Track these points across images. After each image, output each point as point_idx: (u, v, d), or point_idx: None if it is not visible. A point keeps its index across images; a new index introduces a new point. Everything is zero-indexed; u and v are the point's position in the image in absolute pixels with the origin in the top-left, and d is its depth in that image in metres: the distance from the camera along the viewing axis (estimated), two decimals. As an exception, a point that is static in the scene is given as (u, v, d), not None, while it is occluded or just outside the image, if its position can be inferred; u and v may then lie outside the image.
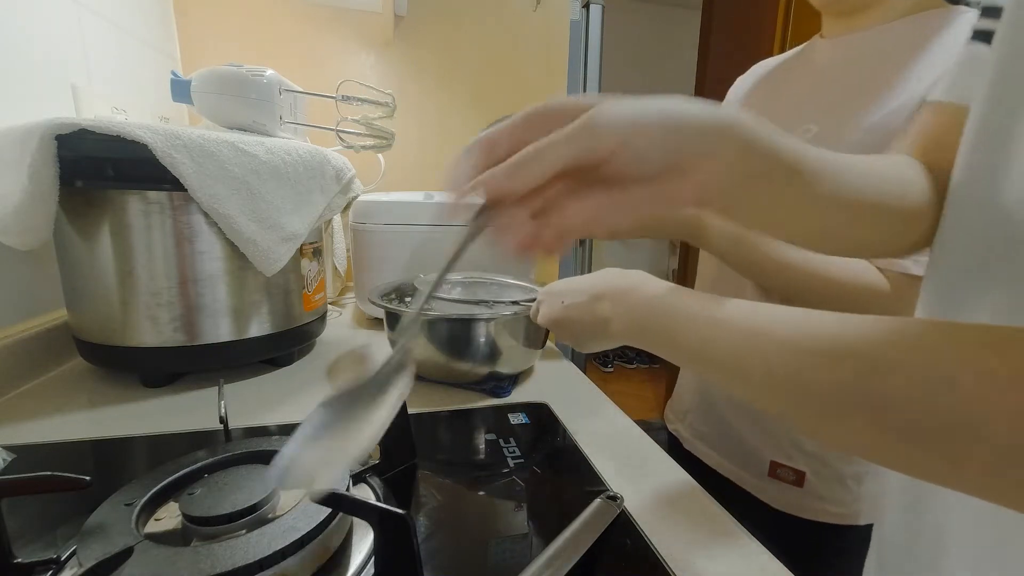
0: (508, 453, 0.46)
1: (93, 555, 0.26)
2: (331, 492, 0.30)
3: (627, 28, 3.21)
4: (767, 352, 0.27)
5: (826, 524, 0.57)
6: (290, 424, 0.51)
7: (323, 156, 0.68)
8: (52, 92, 0.69)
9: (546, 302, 0.47)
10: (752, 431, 0.62)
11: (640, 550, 0.34)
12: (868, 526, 0.57)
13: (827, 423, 0.25)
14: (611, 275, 0.42)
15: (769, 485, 0.60)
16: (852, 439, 0.24)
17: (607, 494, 0.38)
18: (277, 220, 0.60)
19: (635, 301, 0.38)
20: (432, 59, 1.25)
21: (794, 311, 0.28)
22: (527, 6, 1.30)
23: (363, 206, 0.84)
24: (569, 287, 0.45)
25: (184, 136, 0.52)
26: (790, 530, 0.56)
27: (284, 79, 0.78)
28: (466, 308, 0.58)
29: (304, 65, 1.15)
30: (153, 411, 0.54)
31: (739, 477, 0.62)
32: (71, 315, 0.60)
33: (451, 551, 0.33)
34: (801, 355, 0.26)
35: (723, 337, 0.31)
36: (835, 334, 0.25)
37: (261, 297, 0.62)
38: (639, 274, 0.40)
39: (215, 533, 0.30)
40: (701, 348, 0.32)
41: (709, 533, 0.37)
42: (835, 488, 0.57)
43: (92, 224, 0.54)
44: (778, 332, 0.27)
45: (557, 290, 0.46)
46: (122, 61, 0.87)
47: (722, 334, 0.31)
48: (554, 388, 0.62)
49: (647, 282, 0.38)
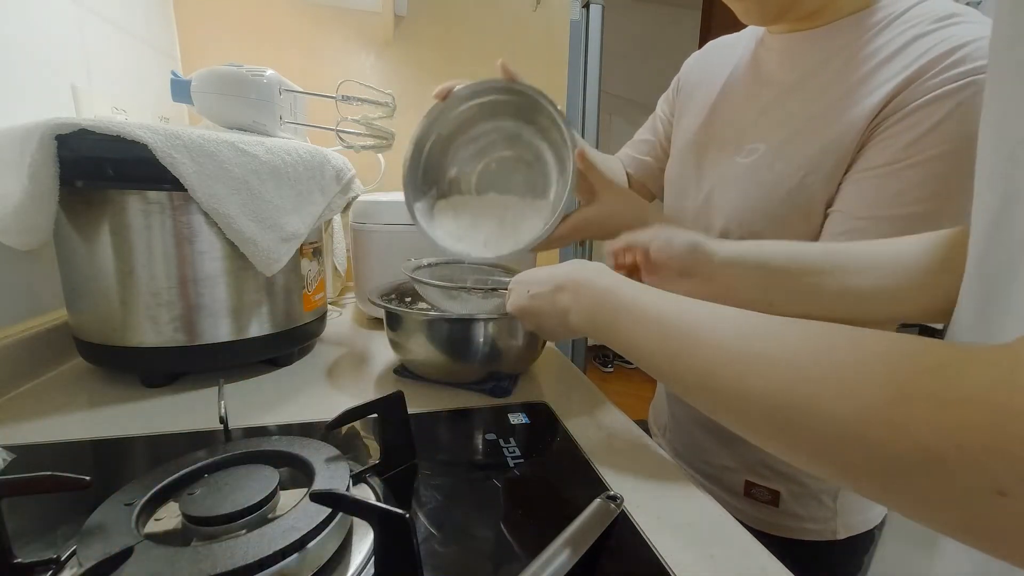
0: (508, 453, 0.46)
1: (93, 555, 0.26)
2: (331, 492, 0.30)
3: (627, 28, 3.21)
4: (699, 353, 0.28)
5: (805, 541, 0.57)
6: (290, 424, 0.51)
7: (323, 156, 0.68)
8: (52, 92, 0.69)
9: (515, 291, 0.47)
10: (722, 451, 0.62)
11: (640, 550, 0.34)
12: (847, 539, 0.57)
13: (744, 429, 0.26)
14: (574, 266, 0.42)
15: (745, 504, 0.60)
16: (770, 447, 0.25)
17: (607, 494, 0.38)
18: (277, 220, 0.60)
19: (588, 293, 0.38)
20: (432, 59, 1.25)
21: (735, 312, 0.29)
22: (527, 6, 1.30)
23: (363, 206, 0.84)
24: (536, 277, 0.45)
25: (184, 136, 0.52)
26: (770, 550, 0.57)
27: (284, 79, 0.78)
28: (444, 291, 0.58)
29: (304, 65, 1.15)
30: (153, 411, 0.54)
31: (716, 496, 0.63)
32: (71, 315, 0.60)
33: (451, 551, 0.33)
34: (727, 357, 0.26)
35: (661, 334, 0.31)
36: (761, 337, 0.25)
37: (261, 297, 0.62)
38: (597, 266, 0.41)
39: (215, 533, 0.30)
40: (642, 344, 0.33)
41: (709, 533, 0.37)
42: (811, 505, 0.57)
43: (92, 224, 0.54)
44: (715, 333, 0.28)
45: (525, 279, 0.46)
46: (122, 61, 0.87)
47: (660, 331, 0.31)
48: (554, 388, 0.62)
49: (601, 274, 0.39)
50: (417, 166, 0.63)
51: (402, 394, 0.42)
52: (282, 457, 0.37)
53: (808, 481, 0.57)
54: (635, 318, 0.33)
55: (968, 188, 0.43)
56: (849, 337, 0.22)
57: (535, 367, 0.68)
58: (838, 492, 0.56)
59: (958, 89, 0.42)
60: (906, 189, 0.45)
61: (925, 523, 0.20)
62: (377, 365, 0.69)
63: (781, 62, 0.56)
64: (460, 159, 0.66)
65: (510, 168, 0.65)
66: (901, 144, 0.45)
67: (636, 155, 0.75)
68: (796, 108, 0.53)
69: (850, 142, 0.47)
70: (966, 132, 0.42)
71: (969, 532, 0.18)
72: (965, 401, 0.17)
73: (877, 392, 0.20)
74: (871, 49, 0.48)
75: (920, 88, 0.44)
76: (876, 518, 0.59)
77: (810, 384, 0.22)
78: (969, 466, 0.17)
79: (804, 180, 0.50)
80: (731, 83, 0.62)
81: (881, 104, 0.46)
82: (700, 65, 0.69)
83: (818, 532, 0.57)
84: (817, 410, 0.21)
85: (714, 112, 0.62)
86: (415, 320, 0.59)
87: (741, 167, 0.56)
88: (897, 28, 0.47)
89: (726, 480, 0.61)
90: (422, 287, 0.60)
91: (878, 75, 0.47)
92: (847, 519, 0.57)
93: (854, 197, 0.48)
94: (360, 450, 0.47)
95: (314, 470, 0.34)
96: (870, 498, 0.21)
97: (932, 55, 0.44)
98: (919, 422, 0.18)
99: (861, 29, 0.50)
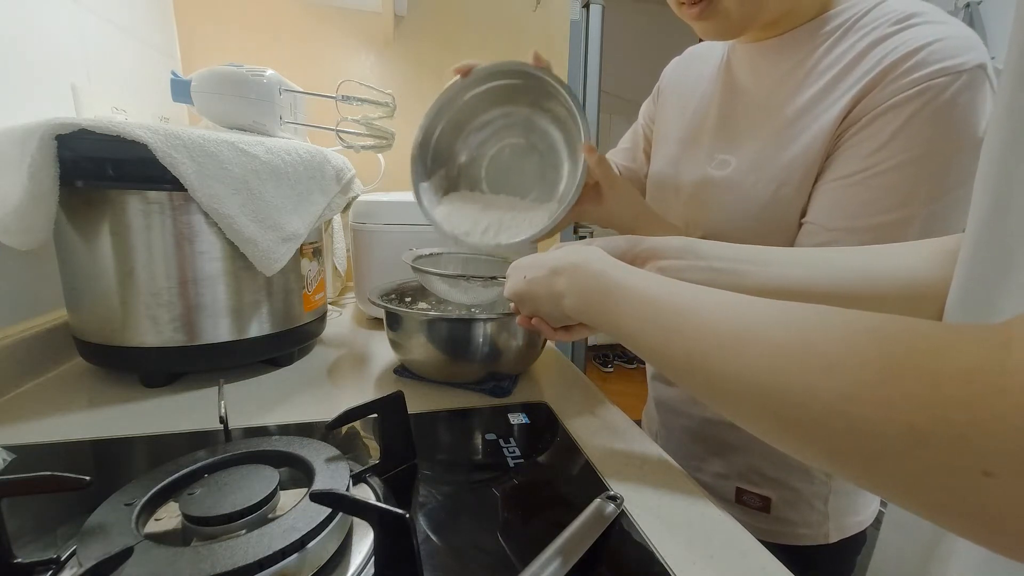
0: (508, 453, 0.46)
1: (93, 555, 0.26)
2: (331, 492, 0.30)
3: (627, 28, 3.21)
4: (687, 335, 0.28)
5: (798, 547, 0.57)
6: (290, 424, 0.51)
7: (323, 156, 0.68)
8: (52, 92, 0.69)
9: (512, 276, 0.47)
10: (713, 459, 0.62)
11: (640, 550, 0.34)
12: (840, 542, 0.57)
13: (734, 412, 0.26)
14: (570, 250, 0.42)
15: (737, 511, 0.60)
16: (758, 430, 0.25)
17: (607, 494, 0.38)
18: (277, 220, 0.60)
19: (581, 276, 0.38)
20: (432, 59, 1.25)
21: (726, 295, 0.29)
22: (527, 6, 1.30)
23: (363, 206, 0.84)
24: (533, 262, 0.45)
25: (184, 136, 0.51)
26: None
27: (284, 79, 0.78)
28: (445, 280, 0.58)
29: (304, 65, 1.15)
30: (153, 411, 0.54)
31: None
32: (71, 315, 0.60)
33: (451, 551, 0.33)
34: (716, 339, 0.26)
35: (651, 317, 0.31)
36: (750, 319, 0.25)
37: (261, 297, 0.62)
38: (592, 250, 0.40)
39: (215, 533, 0.30)
40: (633, 327, 0.33)
41: (709, 533, 0.37)
42: (803, 510, 0.57)
43: (92, 224, 0.54)
44: (704, 315, 0.28)
45: (522, 264, 0.46)
46: (122, 61, 0.87)
47: (651, 314, 0.31)
48: (554, 388, 0.62)
49: (596, 258, 0.38)
50: (428, 144, 0.62)
51: (402, 394, 0.42)
52: (282, 457, 0.37)
53: (799, 486, 0.57)
54: (627, 301, 0.33)
55: (939, 194, 0.43)
56: (838, 317, 0.22)
57: (535, 367, 0.68)
58: (829, 496, 0.56)
59: (916, 95, 0.42)
60: (874, 199, 0.45)
61: (912, 507, 0.19)
62: (377, 365, 0.69)
63: (749, 72, 0.57)
64: (472, 143, 0.65)
65: (522, 155, 0.65)
66: (865, 152, 0.45)
67: (619, 162, 0.75)
68: (763, 121, 0.53)
69: (816, 152, 0.47)
70: (931, 137, 0.42)
71: (954, 515, 0.18)
72: (952, 378, 0.17)
73: (865, 371, 0.19)
74: (833, 56, 0.48)
75: (879, 95, 0.44)
76: (868, 519, 0.59)
77: (799, 364, 0.22)
78: (954, 444, 0.17)
79: (777, 193, 0.50)
80: (705, 92, 0.62)
81: (843, 113, 0.46)
82: (679, 72, 0.69)
83: (810, 536, 0.57)
84: (806, 390, 0.21)
85: (689, 121, 0.63)
86: (415, 320, 0.59)
87: (714, 181, 0.56)
88: (858, 32, 0.47)
89: (717, 487, 0.61)
90: (423, 276, 0.60)
91: (841, 83, 0.47)
92: (839, 522, 0.57)
93: (825, 207, 0.48)
94: (360, 450, 0.47)
95: (314, 470, 0.34)
96: (858, 483, 0.21)
97: (890, 60, 0.43)
98: (906, 400, 0.18)
99: (823, 35, 0.50)
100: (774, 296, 0.31)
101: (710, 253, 0.40)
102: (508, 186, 0.66)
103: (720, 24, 0.50)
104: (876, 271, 0.36)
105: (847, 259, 0.38)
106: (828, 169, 0.48)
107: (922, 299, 0.34)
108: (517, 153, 0.65)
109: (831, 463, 0.22)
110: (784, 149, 0.50)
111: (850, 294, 0.36)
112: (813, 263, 0.38)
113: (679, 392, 0.66)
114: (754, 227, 0.52)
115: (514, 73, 0.58)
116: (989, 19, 1.89)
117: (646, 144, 0.73)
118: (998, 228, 0.24)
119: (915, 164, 0.43)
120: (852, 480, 0.22)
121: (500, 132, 0.65)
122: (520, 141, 0.65)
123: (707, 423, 0.62)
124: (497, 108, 0.63)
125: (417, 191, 0.61)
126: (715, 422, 0.61)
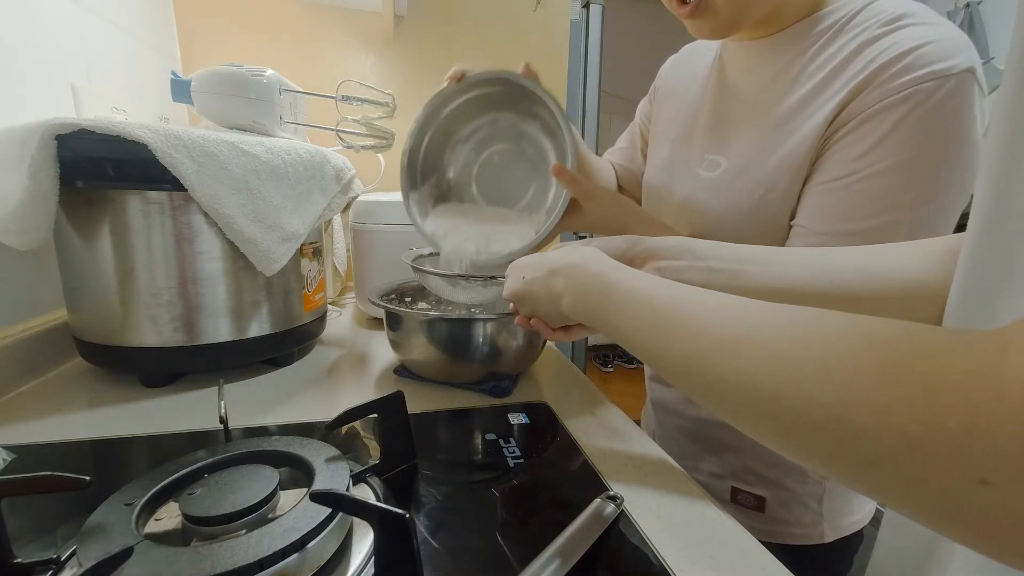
0: (508, 453, 0.46)
1: (93, 555, 0.26)
2: (331, 492, 0.30)
3: (627, 28, 3.21)
4: (684, 337, 0.28)
5: (794, 546, 0.57)
6: (290, 424, 0.51)
7: (323, 156, 0.68)
8: (52, 92, 0.69)
9: (510, 276, 0.47)
10: (708, 458, 0.62)
11: (640, 550, 0.34)
12: (835, 542, 0.57)
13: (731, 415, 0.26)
14: (569, 250, 0.42)
15: (732, 511, 0.59)
16: (755, 433, 0.25)
17: (607, 494, 0.38)
18: (277, 220, 0.60)
19: (579, 277, 0.38)
20: (432, 59, 1.25)
21: (723, 297, 0.28)
22: (527, 6, 1.30)
23: (363, 206, 0.84)
24: (531, 262, 0.45)
25: (184, 136, 0.52)
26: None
27: (284, 79, 0.78)
28: (445, 279, 0.59)
29: (304, 65, 1.15)
30: (153, 411, 0.54)
31: None
32: (71, 315, 0.60)
33: (451, 551, 0.33)
34: (713, 342, 0.26)
35: (648, 319, 0.31)
36: (747, 322, 0.25)
37: (261, 297, 0.62)
38: (590, 250, 0.40)
39: (215, 533, 0.30)
40: (630, 329, 0.33)
41: (709, 533, 0.37)
42: (797, 510, 0.57)
43: (92, 224, 0.54)
44: (701, 318, 0.28)
45: (521, 265, 0.46)
46: (122, 61, 0.87)
47: (647, 315, 0.31)
48: (554, 388, 0.62)
49: (594, 259, 0.38)
50: (417, 153, 0.63)
51: (402, 394, 0.42)
52: (282, 457, 0.37)
53: (794, 486, 0.56)
54: (624, 302, 0.33)
55: (926, 199, 0.43)
56: (835, 321, 0.22)
57: (535, 367, 0.68)
58: (823, 496, 0.56)
59: (903, 99, 0.42)
60: (860, 203, 0.44)
61: (908, 513, 0.19)
62: (377, 365, 0.69)
63: (741, 72, 0.57)
64: (462, 149, 0.66)
65: (512, 160, 0.65)
66: (852, 156, 0.45)
67: (616, 162, 0.75)
68: (753, 123, 0.53)
69: (804, 155, 0.47)
70: (918, 142, 0.42)
71: (951, 523, 0.18)
72: (949, 385, 0.17)
73: (861, 376, 0.19)
74: (824, 57, 0.48)
75: (867, 99, 0.44)
76: (864, 519, 0.59)
77: (795, 369, 0.22)
78: (950, 452, 0.16)
79: (764, 198, 0.50)
80: (698, 91, 0.62)
81: (832, 116, 0.45)
82: (674, 71, 0.69)
83: (805, 536, 0.57)
84: (802, 394, 0.21)
85: (683, 121, 0.63)
86: (415, 320, 0.59)
87: (705, 182, 0.56)
88: (849, 33, 0.47)
89: (712, 487, 0.61)
90: (422, 276, 0.60)
91: (830, 85, 0.46)
92: (834, 522, 0.57)
93: (813, 211, 0.48)
94: (360, 450, 0.47)
95: (314, 470, 0.34)
96: (855, 488, 0.21)
97: (878, 63, 0.43)
98: (902, 406, 0.18)
99: (814, 35, 0.49)
100: (773, 296, 0.30)
101: (709, 253, 0.40)
102: (499, 191, 0.66)
103: (710, 22, 0.50)
104: (876, 271, 0.36)
105: (847, 259, 0.38)
106: (816, 172, 0.48)
107: (922, 299, 0.34)
108: (507, 158, 0.65)
109: (827, 467, 0.22)
110: (772, 152, 0.50)
111: (850, 294, 0.36)
112: (812, 263, 0.38)
113: (675, 392, 0.66)
114: (744, 229, 0.52)
115: (503, 82, 0.58)
116: (989, 19, 1.89)
117: (643, 143, 0.73)
118: (999, 228, 0.24)
119: (902, 169, 0.43)
120: (849, 484, 0.21)
121: (489, 138, 0.65)
122: (509, 146, 0.65)
123: (702, 423, 0.62)
124: (485, 115, 0.64)
125: (407, 203, 0.62)
126: (710, 422, 0.61)
